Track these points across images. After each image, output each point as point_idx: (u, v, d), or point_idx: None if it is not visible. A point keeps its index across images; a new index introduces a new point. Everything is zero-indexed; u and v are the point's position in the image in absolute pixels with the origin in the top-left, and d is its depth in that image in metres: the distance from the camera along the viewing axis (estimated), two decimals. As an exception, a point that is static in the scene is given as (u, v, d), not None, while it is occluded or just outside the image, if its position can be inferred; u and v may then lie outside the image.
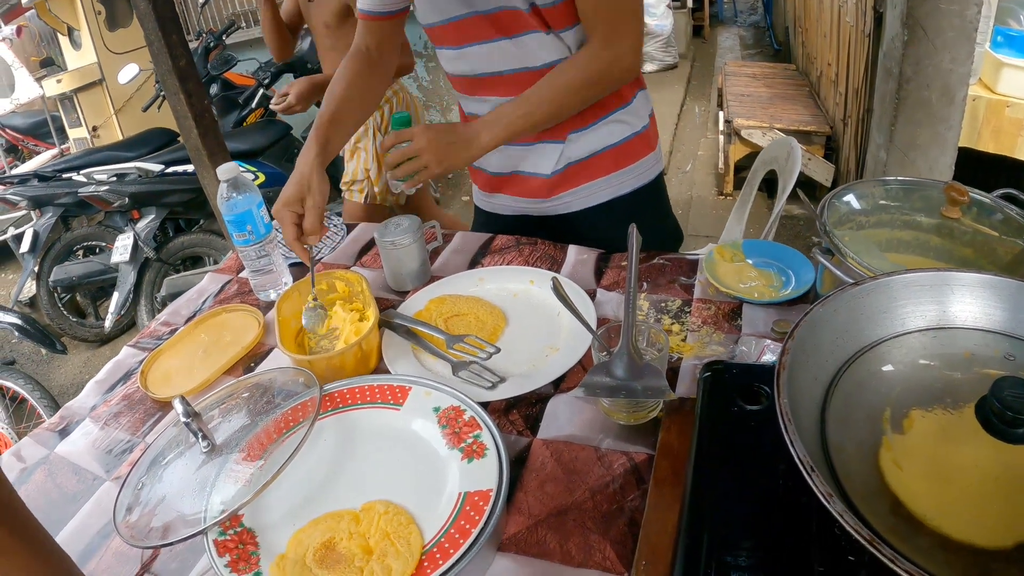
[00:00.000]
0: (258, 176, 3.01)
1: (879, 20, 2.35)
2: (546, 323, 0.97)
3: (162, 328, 1.14)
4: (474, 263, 1.17)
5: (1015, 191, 0.83)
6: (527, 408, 0.83)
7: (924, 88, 2.07)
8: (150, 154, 3.08)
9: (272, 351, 1.02)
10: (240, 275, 1.25)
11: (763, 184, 1.90)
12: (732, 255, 1.05)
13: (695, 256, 1.10)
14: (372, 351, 0.94)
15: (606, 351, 0.78)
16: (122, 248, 2.92)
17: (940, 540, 0.45)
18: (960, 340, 0.58)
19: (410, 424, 0.79)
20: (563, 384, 0.86)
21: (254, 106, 3.33)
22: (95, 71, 4.42)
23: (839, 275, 0.77)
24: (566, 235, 1.21)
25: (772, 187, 1.93)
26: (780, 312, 0.93)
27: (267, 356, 1.01)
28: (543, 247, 1.18)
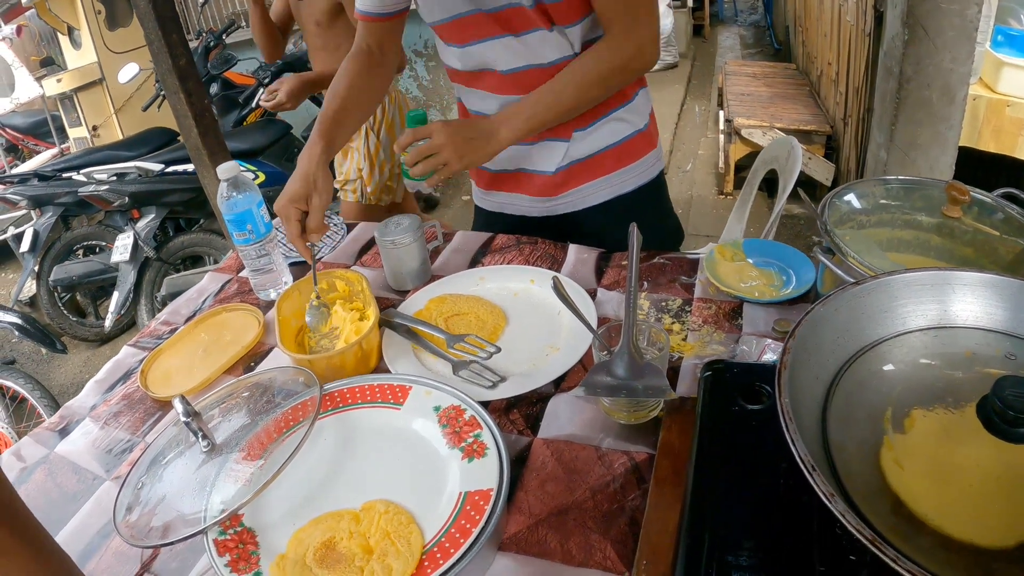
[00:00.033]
0: (258, 175, 3.01)
1: (879, 19, 2.35)
2: (547, 322, 0.97)
3: (162, 327, 1.14)
4: (474, 262, 1.17)
5: (1016, 190, 0.83)
6: (528, 407, 0.83)
7: (925, 87, 2.07)
8: (150, 153, 3.08)
9: (272, 350, 1.02)
10: (240, 274, 1.25)
11: (763, 183, 1.90)
12: (733, 254, 1.04)
13: (696, 255, 1.09)
14: (372, 350, 0.94)
15: (607, 350, 0.77)
16: (122, 247, 2.92)
17: (941, 540, 0.45)
18: (961, 339, 0.58)
19: (410, 423, 0.79)
20: (564, 383, 0.86)
21: (254, 105, 3.32)
22: (95, 70, 4.43)
23: (840, 274, 0.77)
24: (567, 234, 1.20)
25: (772, 186, 1.93)
26: (781, 311, 0.93)
27: (267, 355, 1.01)
28: (543, 246, 1.18)
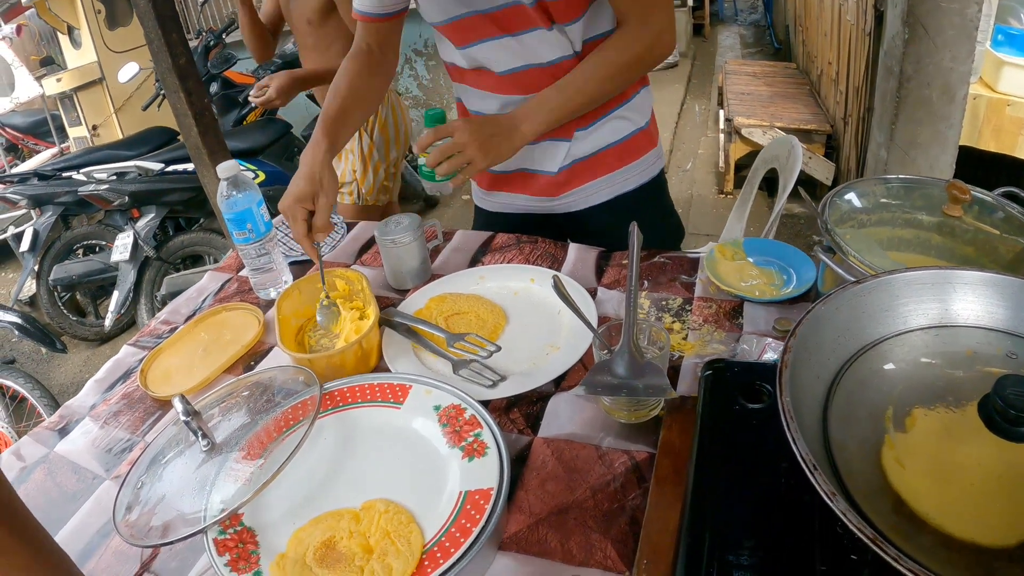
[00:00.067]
0: (258, 174, 3.00)
1: (880, 18, 2.35)
2: (547, 321, 0.97)
3: (162, 327, 1.14)
4: (474, 261, 1.17)
5: (1016, 189, 0.83)
6: (528, 406, 0.83)
7: (925, 86, 2.07)
8: (150, 153, 3.08)
9: (272, 349, 1.02)
10: (240, 273, 1.25)
11: (763, 183, 1.90)
12: (733, 253, 1.04)
13: (696, 254, 1.09)
14: (372, 349, 0.93)
15: (607, 349, 0.77)
16: (122, 247, 2.92)
17: (943, 539, 0.45)
18: (962, 338, 0.58)
19: (410, 423, 0.79)
20: (564, 382, 0.86)
21: (254, 104, 3.32)
22: (95, 70, 4.43)
23: (841, 273, 0.77)
24: (568, 233, 1.20)
25: (772, 186, 1.93)
26: (781, 310, 0.93)
27: (267, 354, 1.01)
28: (544, 245, 1.18)
